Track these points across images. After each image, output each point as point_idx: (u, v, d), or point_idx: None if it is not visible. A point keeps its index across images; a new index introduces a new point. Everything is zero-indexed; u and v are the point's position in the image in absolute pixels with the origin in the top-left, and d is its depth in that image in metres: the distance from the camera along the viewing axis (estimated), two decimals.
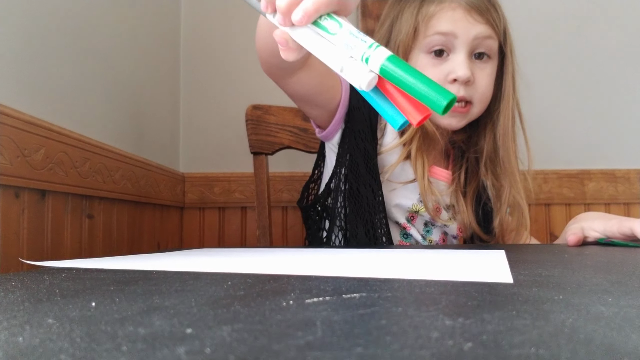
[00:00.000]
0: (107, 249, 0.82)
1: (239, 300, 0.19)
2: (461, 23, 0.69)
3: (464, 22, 0.69)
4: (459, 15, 0.70)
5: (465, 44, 0.69)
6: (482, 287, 0.22)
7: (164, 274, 0.29)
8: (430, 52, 0.71)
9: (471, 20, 0.69)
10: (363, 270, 0.31)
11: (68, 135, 0.69)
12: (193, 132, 1.28)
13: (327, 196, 0.76)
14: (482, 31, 0.70)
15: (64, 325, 0.15)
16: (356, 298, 0.19)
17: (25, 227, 0.61)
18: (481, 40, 0.70)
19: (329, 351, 0.12)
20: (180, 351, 0.12)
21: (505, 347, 0.12)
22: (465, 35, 0.69)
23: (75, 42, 0.75)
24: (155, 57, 1.11)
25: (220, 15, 1.28)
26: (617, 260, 0.38)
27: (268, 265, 0.34)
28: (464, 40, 0.69)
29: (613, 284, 0.23)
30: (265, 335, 0.13)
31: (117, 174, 0.85)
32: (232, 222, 1.26)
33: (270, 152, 0.96)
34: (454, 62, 0.69)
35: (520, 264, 0.33)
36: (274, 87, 1.23)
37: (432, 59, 0.71)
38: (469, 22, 0.69)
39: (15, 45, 0.61)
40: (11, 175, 0.57)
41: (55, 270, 0.32)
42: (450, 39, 0.69)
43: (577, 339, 0.13)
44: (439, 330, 0.14)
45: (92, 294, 0.22)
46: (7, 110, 0.57)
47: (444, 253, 0.45)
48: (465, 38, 0.69)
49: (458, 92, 0.69)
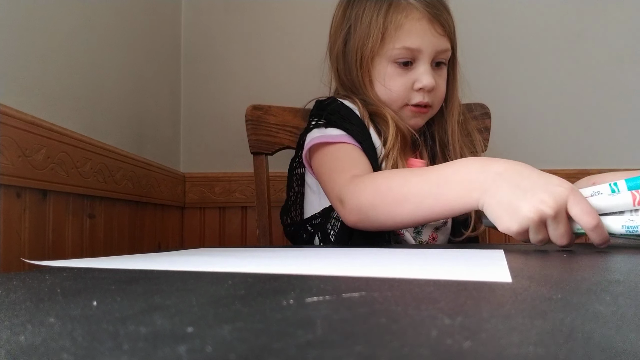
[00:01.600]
0: (108, 249, 0.82)
1: (240, 300, 0.19)
2: (427, 37, 0.75)
3: (428, 36, 0.75)
4: (424, 27, 0.75)
5: (429, 57, 0.76)
6: (481, 286, 0.22)
7: (165, 273, 0.29)
8: (396, 62, 0.76)
9: (435, 33, 0.76)
10: (363, 269, 0.31)
11: (69, 135, 0.69)
12: (193, 132, 1.28)
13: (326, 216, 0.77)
14: (442, 45, 0.77)
15: (66, 324, 0.15)
16: (356, 297, 0.19)
17: (27, 226, 0.61)
18: (441, 53, 0.78)
19: (329, 350, 0.12)
20: (182, 350, 0.12)
21: (503, 345, 0.12)
22: (429, 50, 0.76)
23: (75, 42, 0.75)
24: (156, 57, 1.11)
25: (221, 16, 1.28)
26: (615, 260, 0.38)
27: (268, 264, 0.35)
28: (428, 53, 0.76)
29: (611, 283, 0.23)
30: (265, 334, 0.13)
31: (118, 174, 0.85)
32: (233, 221, 1.26)
33: (270, 152, 0.96)
34: (418, 72, 0.76)
35: (519, 264, 0.33)
36: (274, 87, 1.23)
37: (398, 68, 0.77)
38: (433, 35, 0.75)
39: (16, 45, 0.61)
40: (12, 175, 0.57)
41: (57, 269, 0.32)
42: (416, 52, 0.76)
43: (575, 338, 0.13)
44: (438, 329, 0.14)
45: (93, 293, 0.22)
46: (8, 111, 0.57)
47: (443, 253, 0.45)
48: (430, 52, 0.76)
49: (423, 99, 0.77)
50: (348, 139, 0.73)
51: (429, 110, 0.80)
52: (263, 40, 1.27)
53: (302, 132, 0.82)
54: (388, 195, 0.61)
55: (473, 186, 0.54)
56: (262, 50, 1.27)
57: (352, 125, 0.75)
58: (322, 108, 0.79)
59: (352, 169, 0.69)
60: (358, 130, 0.74)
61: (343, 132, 0.74)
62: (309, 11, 1.27)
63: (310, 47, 1.27)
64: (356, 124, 0.75)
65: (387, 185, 0.61)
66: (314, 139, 0.75)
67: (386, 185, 0.62)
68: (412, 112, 0.79)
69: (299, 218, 0.86)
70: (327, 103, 0.79)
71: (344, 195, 0.66)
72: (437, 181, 0.57)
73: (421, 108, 0.78)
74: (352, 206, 0.64)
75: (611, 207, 0.49)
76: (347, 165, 0.71)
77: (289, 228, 0.84)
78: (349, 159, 0.72)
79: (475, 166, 0.55)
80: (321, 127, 0.76)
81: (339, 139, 0.74)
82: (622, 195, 0.49)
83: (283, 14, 1.28)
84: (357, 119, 0.76)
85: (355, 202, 0.64)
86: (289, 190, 0.87)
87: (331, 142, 0.74)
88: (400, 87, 0.77)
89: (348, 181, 0.67)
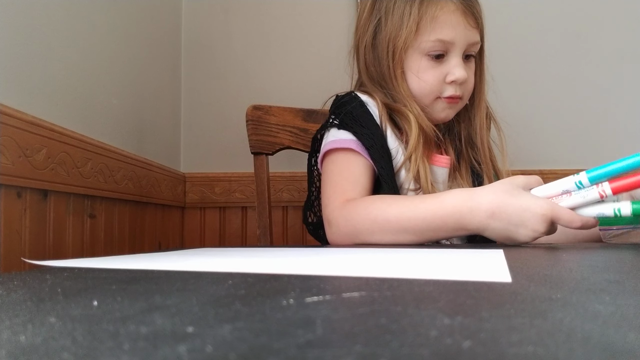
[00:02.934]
0: (108, 249, 0.82)
1: (240, 299, 0.19)
2: (460, 30, 0.75)
3: (462, 28, 0.75)
4: (458, 19, 0.75)
5: (461, 49, 0.76)
6: (480, 286, 0.22)
7: (166, 273, 0.29)
8: (429, 54, 0.76)
9: (467, 26, 0.75)
10: (363, 269, 0.31)
11: (70, 135, 0.70)
12: (194, 132, 1.28)
13: None
14: (474, 38, 0.77)
15: (66, 324, 0.15)
16: (356, 297, 0.19)
17: (27, 226, 0.61)
18: (472, 46, 0.78)
19: (329, 349, 0.12)
20: (182, 349, 0.12)
21: (503, 345, 0.12)
22: (462, 42, 0.76)
23: (76, 42, 0.75)
24: (157, 57, 1.11)
25: (221, 16, 1.28)
26: (614, 260, 0.38)
27: (268, 264, 0.35)
28: (461, 46, 0.76)
29: (611, 283, 0.23)
30: (265, 334, 0.13)
31: (119, 174, 0.85)
32: (233, 221, 1.26)
33: (271, 152, 0.96)
34: (450, 64, 0.76)
35: (518, 264, 0.33)
36: (274, 87, 1.24)
37: (431, 61, 0.77)
38: (466, 28, 0.75)
39: (16, 45, 0.61)
40: (13, 176, 0.57)
41: (57, 269, 0.32)
42: (448, 45, 0.75)
43: (575, 338, 0.13)
44: (438, 329, 0.14)
45: (94, 293, 0.22)
46: (8, 111, 0.57)
47: (443, 253, 0.45)
48: (462, 44, 0.76)
49: (455, 92, 0.77)
50: (356, 144, 0.73)
51: (459, 102, 0.80)
52: (263, 40, 1.27)
53: (321, 127, 0.82)
54: (385, 227, 0.64)
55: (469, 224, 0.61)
56: (262, 50, 1.27)
57: (362, 128, 0.74)
58: (339, 106, 0.78)
59: (347, 190, 0.71)
60: (369, 133, 0.74)
61: (352, 136, 0.74)
62: (310, 11, 1.27)
63: (311, 47, 1.27)
64: (368, 127, 0.75)
65: (384, 217, 0.64)
66: (328, 144, 0.76)
67: (382, 217, 0.64)
68: (445, 103, 0.78)
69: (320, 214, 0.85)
70: (344, 100, 0.78)
71: (334, 219, 0.68)
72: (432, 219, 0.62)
73: (453, 100, 0.78)
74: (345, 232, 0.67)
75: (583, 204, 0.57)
76: (343, 183, 0.72)
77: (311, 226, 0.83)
78: (348, 175, 0.73)
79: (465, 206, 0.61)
80: (335, 127, 0.76)
81: (347, 144, 0.74)
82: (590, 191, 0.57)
83: (283, 14, 1.28)
84: (371, 120, 0.76)
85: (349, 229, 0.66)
86: (311, 186, 0.86)
87: (340, 149, 0.74)
88: (434, 79, 0.77)
89: (339, 204, 0.69)
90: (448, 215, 0.61)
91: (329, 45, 1.23)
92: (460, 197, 0.61)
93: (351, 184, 0.72)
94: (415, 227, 0.63)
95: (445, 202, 0.62)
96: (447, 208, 0.61)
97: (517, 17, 1.29)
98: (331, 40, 1.23)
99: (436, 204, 0.62)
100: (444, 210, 0.61)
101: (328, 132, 0.78)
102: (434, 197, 0.65)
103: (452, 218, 0.61)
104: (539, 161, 1.26)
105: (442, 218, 0.62)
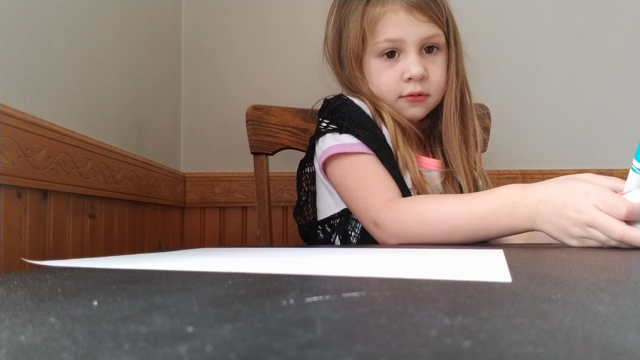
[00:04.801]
0: (108, 249, 0.82)
1: (240, 299, 0.19)
2: (406, 26, 0.74)
3: (408, 24, 0.74)
4: (402, 17, 0.73)
5: (414, 45, 0.75)
6: (480, 286, 0.22)
7: (166, 273, 0.29)
8: (382, 55, 0.76)
9: (415, 21, 0.74)
10: (363, 269, 0.31)
11: (70, 135, 0.70)
12: (194, 132, 1.28)
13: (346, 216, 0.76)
14: (427, 31, 0.75)
15: (66, 324, 0.15)
16: (356, 297, 0.19)
17: (27, 226, 0.61)
18: (429, 39, 0.75)
19: (329, 349, 0.12)
20: (182, 349, 0.12)
21: (503, 345, 0.12)
22: (412, 38, 0.74)
23: (76, 42, 0.75)
24: (157, 57, 1.11)
25: (221, 16, 1.28)
26: (614, 259, 0.38)
27: (268, 264, 0.35)
28: (412, 42, 0.74)
29: (610, 283, 0.23)
30: (265, 334, 0.13)
31: (119, 174, 0.85)
32: (233, 221, 1.26)
33: (271, 152, 0.96)
34: (406, 61, 0.75)
35: (518, 264, 0.33)
36: (274, 87, 1.23)
37: (385, 61, 0.76)
38: (413, 23, 0.74)
39: (16, 45, 0.61)
40: (13, 175, 0.57)
41: (57, 269, 0.32)
42: (399, 43, 0.74)
43: (575, 338, 0.13)
44: (437, 329, 0.14)
45: (94, 293, 0.22)
46: (8, 111, 0.57)
47: (443, 253, 0.45)
48: (413, 40, 0.74)
49: (415, 89, 0.75)
50: (365, 148, 0.72)
51: (425, 99, 0.78)
52: (263, 40, 1.28)
53: (313, 135, 0.80)
54: (437, 227, 0.62)
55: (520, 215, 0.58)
56: (262, 50, 1.27)
57: (365, 131, 0.73)
58: (332, 110, 0.77)
59: (383, 190, 0.69)
60: (371, 136, 0.73)
61: (357, 140, 0.73)
62: (309, 11, 1.27)
63: (311, 47, 1.27)
64: (368, 128, 0.74)
65: (435, 216, 0.62)
66: (331, 148, 0.74)
67: (433, 216, 0.63)
68: (407, 102, 0.77)
69: (311, 217, 0.85)
70: (337, 104, 0.77)
71: (382, 220, 0.66)
72: (485, 215, 0.60)
73: (415, 97, 0.77)
74: (393, 232, 0.65)
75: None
76: (375, 183, 0.70)
77: (304, 228, 0.83)
78: (374, 175, 0.71)
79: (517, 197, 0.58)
80: (335, 132, 0.75)
81: (356, 148, 0.72)
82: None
83: (283, 14, 1.28)
84: (369, 121, 0.75)
85: (397, 230, 0.65)
86: (299, 191, 0.86)
87: (349, 153, 0.73)
88: (389, 80, 0.76)
89: (384, 205, 0.67)
90: (501, 207, 0.59)
91: None
92: (513, 189, 0.60)
93: (383, 183, 0.71)
94: (467, 226, 0.61)
95: (498, 195, 0.60)
96: (500, 201, 0.59)
97: (517, 17, 1.29)
98: None
99: (489, 198, 0.61)
100: (496, 204, 0.60)
101: (324, 137, 0.76)
102: (486, 192, 0.63)
103: (505, 211, 0.59)
104: (539, 161, 1.27)
105: (494, 212, 0.59)
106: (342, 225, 0.75)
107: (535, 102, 1.28)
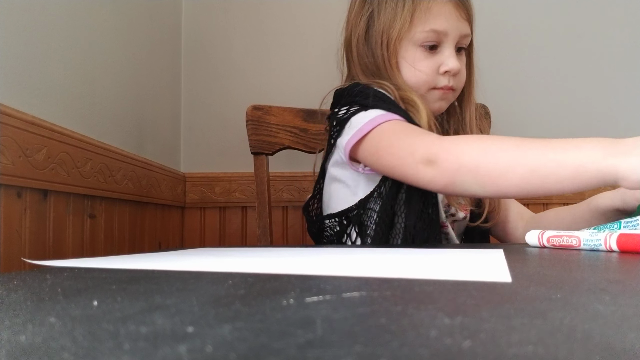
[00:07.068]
0: (108, 249, 0.82)
1: (240, 299, 0.19)
2: (452, 21, 0.76)
3: (454, 19, 0.76)
4: (451, 10, 0.76)
5: (454, 40, 0.77)
6: (480, 286, 0.22)
7: (166, 273, 0.29)
8: (423, 45, 0.77)
9: (460, 17, 0.77)
10: (363, 269, 0.31)
11: (70, 135, 0.70)
12: (194, 132, 1.28)
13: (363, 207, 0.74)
14: (466, 30, 0.78)
15: (66, 324, 0.15)
16: (356, 297, 0.19)
17: (27, 226, 0.61)
18: (464, 38, 0.79)
19: (329, 349, 0.12)
20: (182, 349, 0.12)
21: (503, 345, 0.12)
22: (454, 33, 0.77)
23: (76, 42, 0.75)
24: (157, 57, 1.11)
25: (221, 16, 1.28)
26: (614, 259, 0.38)
27: (268, 264, 0.35)
28: (453, 37, 0.77)
29: (611, 283, 0.23)
30: (265, 334, 0.13)
31: (119, 174, 0.85)
32: (233, 221, 1.26)
33: (271, 152, 0.96)
34: (444, 55, 0.77)
35: (518, 264, 0.33)
36: (274, 87, 1.23)
37: (425, 52, 0.77)
38: (458, 19, 0.77)
39: (16, 45, 0.61)
40: (13, 175, 0.57)
41: (57, 269, 0.32)
42: (442, 35, 0.76)
43: (575, 337, 0.13)
44: (437, 329, 0.14)
45: (94, 292, 0.22)
46: (8, 111, 0.57)
47: (443, 253, 0.45)
48: (455, 36, 0.77)
49: (448, 83, 0.78)
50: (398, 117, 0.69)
51: (451, 93, 0.80)
52: (263, 40, 1.28)
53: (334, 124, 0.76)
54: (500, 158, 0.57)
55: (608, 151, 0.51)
56: (262, 50, 1.27)
57: (394, 107, 0.71)
58: (356, 94, 0.73)
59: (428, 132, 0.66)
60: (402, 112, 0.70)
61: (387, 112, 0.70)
62: (310, 11, 1.27)
63: (311, 46, 1.27)
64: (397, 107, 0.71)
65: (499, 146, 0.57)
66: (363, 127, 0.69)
67: (497, 146, 0.58)
68: (440, 94, 0.78)
69: (315, 212, 0.83)
70: (358, 89, 0.74)
71: (437, 153, 0.61)
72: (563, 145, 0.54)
73: (447, 90, 0.78)
74: (448, 166, 0.59)
75: None
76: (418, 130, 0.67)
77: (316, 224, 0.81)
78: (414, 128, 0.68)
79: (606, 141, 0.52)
80: (359, 112, 0.71)
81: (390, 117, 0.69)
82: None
83: (283, 14, 1.28)
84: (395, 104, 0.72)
85: (454, 161, 0.59)
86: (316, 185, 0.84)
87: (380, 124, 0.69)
88: (428, 69, 0.77)
89: (436, 139, 0.63)
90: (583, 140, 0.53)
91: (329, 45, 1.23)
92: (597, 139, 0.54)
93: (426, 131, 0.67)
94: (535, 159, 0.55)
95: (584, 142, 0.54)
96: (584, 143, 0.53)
97: (517, 17, 1.29)
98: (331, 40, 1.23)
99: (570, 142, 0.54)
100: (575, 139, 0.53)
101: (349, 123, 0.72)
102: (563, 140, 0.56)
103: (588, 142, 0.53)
104: None
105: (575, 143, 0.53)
106: (359, 217, 0.74)
107: (535, 102, 1.28)
